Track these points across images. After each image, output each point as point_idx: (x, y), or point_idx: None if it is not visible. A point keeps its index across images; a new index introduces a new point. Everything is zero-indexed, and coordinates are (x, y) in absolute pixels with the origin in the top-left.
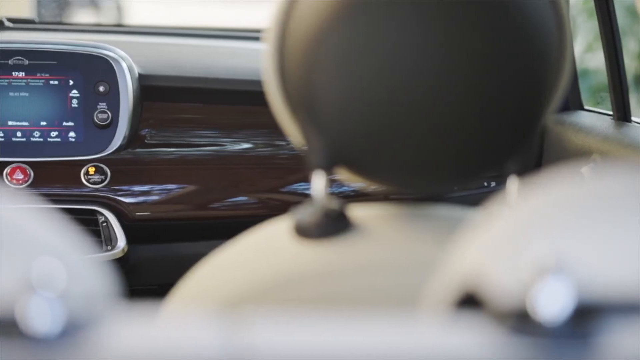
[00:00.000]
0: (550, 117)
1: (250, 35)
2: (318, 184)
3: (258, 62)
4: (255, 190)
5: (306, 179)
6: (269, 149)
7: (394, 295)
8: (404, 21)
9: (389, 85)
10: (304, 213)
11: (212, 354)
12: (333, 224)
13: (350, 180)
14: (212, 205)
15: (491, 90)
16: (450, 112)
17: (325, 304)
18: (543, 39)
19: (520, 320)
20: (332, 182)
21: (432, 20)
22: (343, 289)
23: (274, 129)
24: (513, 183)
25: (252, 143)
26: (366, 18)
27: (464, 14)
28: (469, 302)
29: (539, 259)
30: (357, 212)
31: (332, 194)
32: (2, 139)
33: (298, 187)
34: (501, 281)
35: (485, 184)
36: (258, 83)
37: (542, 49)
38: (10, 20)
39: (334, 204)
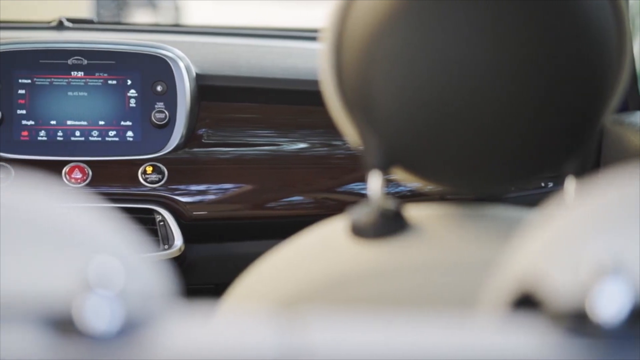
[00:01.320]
0: (609, 118)
1: (307, 35)
2: (374, 183)
3: (315, 61)
4: (311, 190)
5: (362, 179)
6: (325, 148)
7: (450, 295)
8: (461, 21)
9: (446, 85)
10: (360, 213)
11: (268, 354)
12: (389, 224)
13: (407, 180)
14: (268, 205)
15: (549, 90)
16: (508, 112)
17: (381, 304)
18: (602, 38)
19: (578, 321)
20: (388, 182)
21: (489, 20)
22: (399, 288)
23: (330, 128)
24: (571, 184)
25: (309, 143)
26: (423, 18)
27: (521, 14)
28: (526, 302)
29: (597, 259)
30: (413, 212)
31: (388, 193)
32: (61, 138)
33: (354, 187)
34: (559, 282)
35: (543, 184)
36: (315, 83)
37: (601, 49)
38: (69, 20)
39: (390, 203)
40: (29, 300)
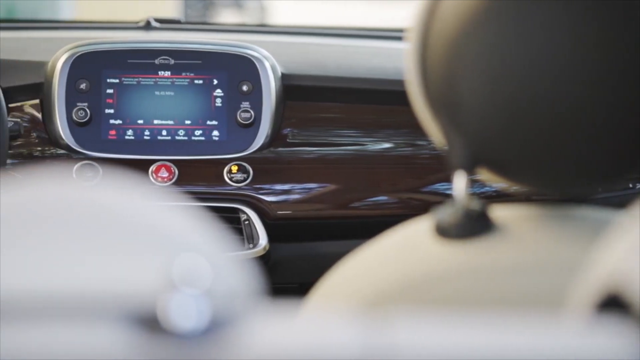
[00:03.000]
0: None
1: (393, 34)
2: (459, 184)
3: (400, 61)
4: (395, 190)
5: (447, 179)
6: (410, 148)
7: (535, 297)
8: (551, 21)
9: (533, 85)
10: (445, 213)
11: (352, 353)
12: (474, 225)
13: (492, 180)
14: (352, 205)
15: (637, 90)
16: (596, 112)
17: (466, 305)
18: None
19: None
20: (473, 183)
21: (580, 20)
22: (483, 289)
23: (415, 128)
24: None
25: (393, 142)
26: (511, 17)
27: (614, 13)
28: (613, 304)
29: None
30: (499, 212)
31: (473, 194)
32: (148, 138)
33: (439, 187)
34: None
35: (631, 185)
36: (400, 82)
37: None
38: (157, 20)
39: (475, 204)
40: (116, 298)
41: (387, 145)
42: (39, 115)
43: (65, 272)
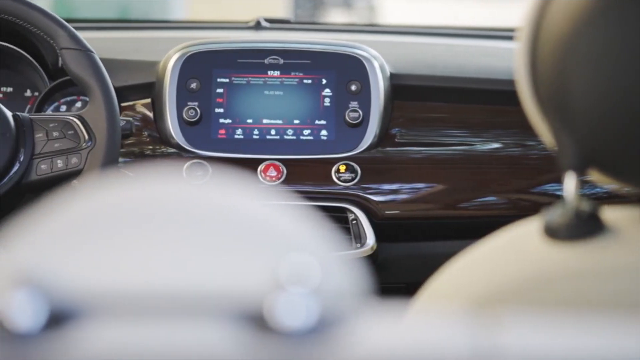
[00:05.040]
0: None
1: (503, 34)
2: (569, 185)
3: (510, 61)
4: (504, 191)
5: (557, 180)
6: (519, 149)
7: None
8: None
9: None
10: (555, 214)
11: (461, 354)
12: (584, 226)
13: (603, 181)
14: (460, 205)
15: None
16: None
17: (575, 307)
18: None
19: None
20: (584, 183)
21: None
22: (593, 292)
23: (524, 128)
24: None
25: (502, 143)
26: (623, 17)
27: None
28: None
29: None
30: (610, 214)
31: (584, 195)
32: (257, 137)
33: (549, 187)
34: None
35: None
36: (509, 82)
37: None
38: (266, 20)
39: (586, 205)
40: (225, 296)
41: (496, 145)
42: (150, 115)
43: (176, 269)
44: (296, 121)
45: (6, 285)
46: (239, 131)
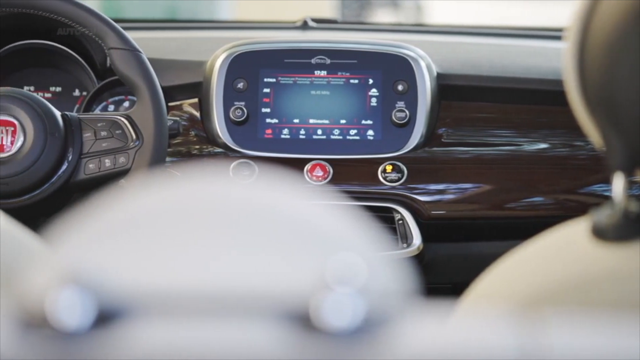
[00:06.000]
0: None
1: (551, 34)
2: (618, 185)
3: (558, 61)
4: (552, 191)
5: (606, 181)
6: (566, 149)
7: None
8: None
9: None
10: (603, 215)
11: (508, 355)
12: (632, 227)
13: None
14: (507, 205)
15: None
16: None
17: (623, 308)
18: None
19: None
20: (632, 184)
21: None
22: None
23: (572, 129)
24: None
25: (549, 143)
26: None
27: None
28: None
29: None
30: None
31: (633, 196)
32: (303, 137)
33: (597, 188)
34: None
35: None
36: (557, 82)
37: None
38: (313, 20)
39: (634, 206)
40: (272, 295)
41: (543, 145)
42: (197, 114)
43: (223, 269)
44: (343, 121)
45: (54, 284)
46: (285, 131)
